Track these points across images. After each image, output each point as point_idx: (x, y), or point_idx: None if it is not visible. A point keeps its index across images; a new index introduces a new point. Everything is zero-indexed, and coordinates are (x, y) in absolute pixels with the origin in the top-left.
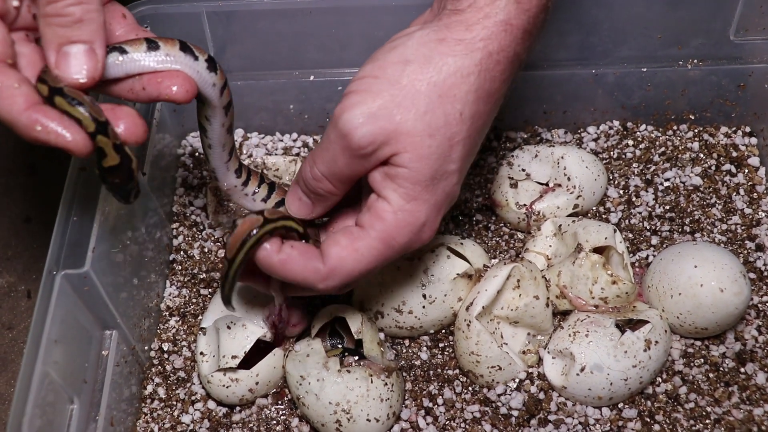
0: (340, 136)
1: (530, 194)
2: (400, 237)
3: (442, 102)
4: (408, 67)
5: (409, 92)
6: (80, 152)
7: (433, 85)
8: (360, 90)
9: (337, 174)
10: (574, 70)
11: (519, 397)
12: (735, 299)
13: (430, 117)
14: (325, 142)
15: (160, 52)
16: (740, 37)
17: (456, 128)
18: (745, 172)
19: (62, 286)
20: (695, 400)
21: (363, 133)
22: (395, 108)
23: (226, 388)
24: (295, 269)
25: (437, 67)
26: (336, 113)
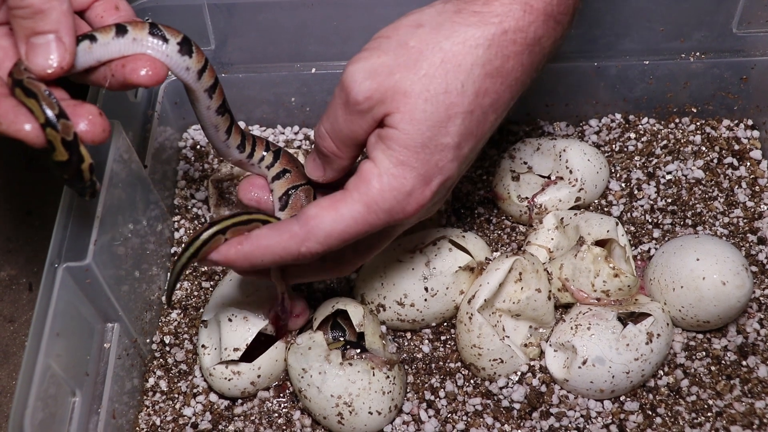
0: (341, 89)
1: (532, 187)
2: (383, 202)
3: (445, 68)
4: (418, 30)
5: (413, 54)
6: (33, 143)
7: (439, 50)
8: (370, 48)
9: (338, 132)
10: (576, 62)
11: (521, 390)
12: (737, 292)
13: (428, 81)
14: (331, 99)
15: (127, 37)
16: (743, 30)
17: (456, 99)
18: (747, 165)
19: (64, 279)
20: (697, 393)
21: (360, 88)
22: (396, 67)
23: (227, 380)
24: (270, 243)
25: (446, 33)
26: (345, 73)
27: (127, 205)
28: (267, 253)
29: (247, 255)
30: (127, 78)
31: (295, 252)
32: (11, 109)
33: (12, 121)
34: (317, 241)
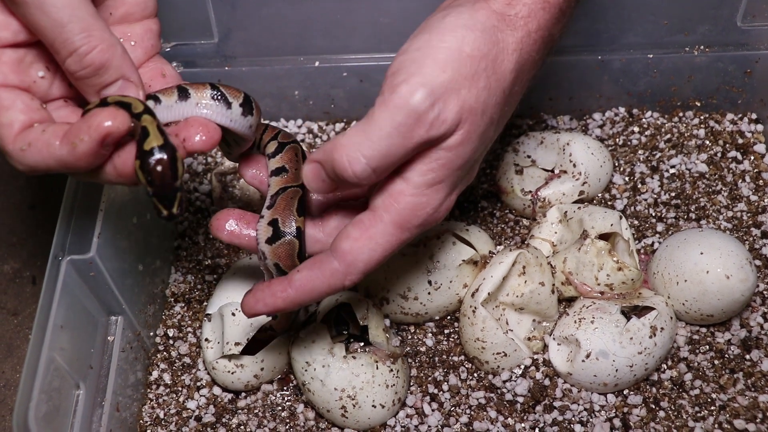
0: (412, 118)
1: (536, 181)
2: (415, 219)
3: (496, 78)
4: (467, 36)
5: (472, 64)
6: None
7: (490, 60)
8: (421, 63)
9: (391, 165)
10: (579, 56)
11: (524, 384)
12: (741, 286)
13: (485, 94)
14: (380, 126)
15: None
16: (747, 24)
17: (497, 108)
18: (751, 159)
19: (68, 272)
20: (700, 386)
21: (438, 113)
22: (462, 81)
23: (231, 374)
24: (315, 285)
25: (492, 40)
26: (402, 92)
27: (131, 199)
28: (314, 294)
29: (295, 301)
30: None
31: (339, 287)
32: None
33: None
34: (358, 273)
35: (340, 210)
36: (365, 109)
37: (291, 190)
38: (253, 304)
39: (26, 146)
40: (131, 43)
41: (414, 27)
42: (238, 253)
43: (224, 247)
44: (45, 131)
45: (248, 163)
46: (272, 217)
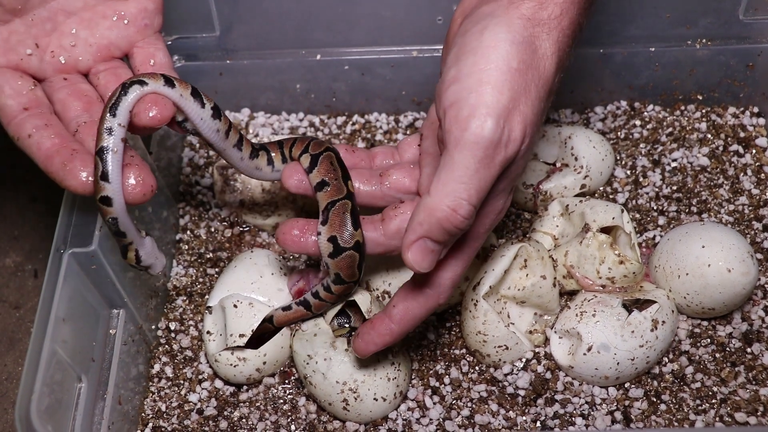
0: (491, 149)
1: (537, 174)
2: (483, 227)
3: (540, 84)
4: (512, 50)
5: (523, 78)
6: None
7: (535, 68)
8: (477, 91)
9: (484, 197)
10: (581, 49)
11: (526, 377)
12: (742, 279)
13: (538, 104)
14: (468, 166)
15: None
16: (750, 17)
17: (545, 110)
18: (753, 152)
19: (70, 265)
20: (701, 379)
21: (508, 134)
22: (519, 96)
23: (233, 367)
24: (416, 313)
25: (533, 49)
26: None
27: None
28: (415, 321)
29: (401, 332)
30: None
31: (435, 307)
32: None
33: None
34: (448, 289)
35: (398, 212)
36: (366, 102)
37: (340, 204)
38: (364, 347)
39: (17, 139)
40: (124, 22)
41: (415, 20)
42: (239, 247)
43: (225, 240)
44: (31, 136)
45: (289, 173)
46: (330, 234)
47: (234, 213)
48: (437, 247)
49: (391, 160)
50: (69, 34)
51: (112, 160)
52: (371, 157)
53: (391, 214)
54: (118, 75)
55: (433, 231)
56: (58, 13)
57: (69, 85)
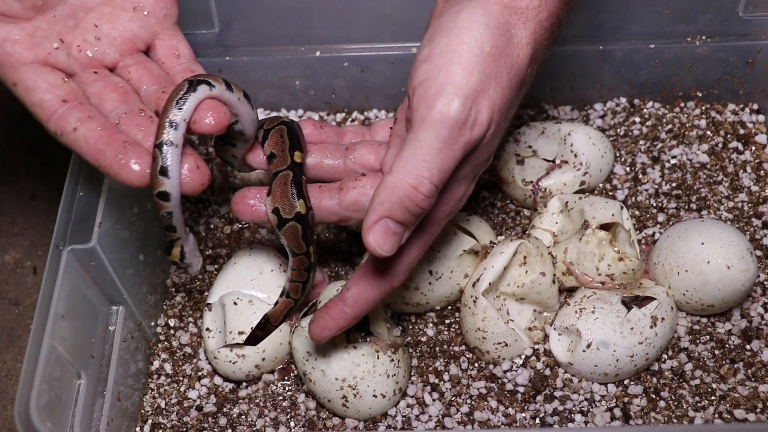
0: (456, 129)
1: (537, 171)
2: (442, 213)
3: (515, 74)
4: (486, 34)
5: (494, 64)
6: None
7: (507, 56)
8: (447, 70)
9: (446, 178)
10: (581, 46)
11: (525, 374)
12: (742, 276)
13: (507, 91)
14: (431, 145)
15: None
16: (749, 14)
17: (515, 100)
18: (752, 149)
19: (69, 261)
20: (701, 376)
21: (474, 117)
22: (489, 80)
23: (232, 363)
24: (369, 296)
25: (508, 36)
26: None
27: (132, 189)
28: (369, 304)
29: (355, 316)
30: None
31: (390, 290)
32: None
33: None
34: (403, 273)
35: (357, 184)
36: (366, 99)
37: (282, 175)
38: (319, 332)
39: (60, 134)
40: (144, 13)
41: (415, 16)
42: (239, 243)
43: (225, 237)
44: (77, 129)
45: (252, 152)
46: (273, 205)
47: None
48: (399, 228)
49: (360, 138)
50: (92, 28)
51: (172, 155)
52: (341, 134)
53: (350, 185)
54: (149, 69)
55: (395, 210)
56: (78, 9)
57: (101, 78)
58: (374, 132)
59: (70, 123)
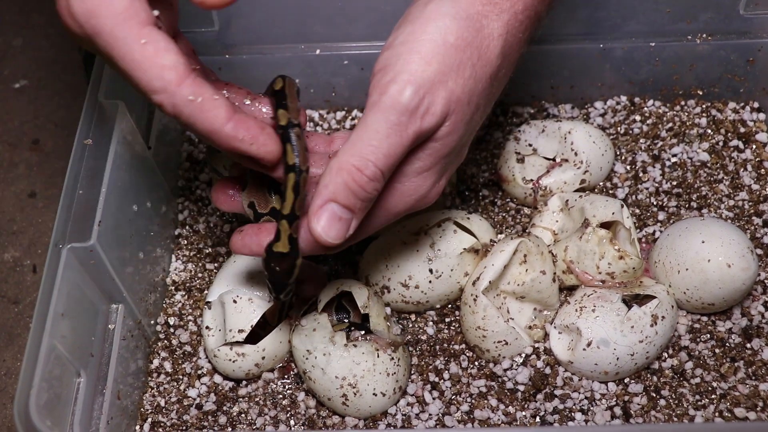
0: (405, 115)
1: (537, 169)
2: (402, 205)
3: (481, 65)
4: (451, 24)
5: (457, 54)
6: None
7: (474, 47)
8: (406, 59)
9: (393, 164)
10: (581, 44)
11: (525, 372)
12: (742, 275)
13: (471, 83)
14: (379, 130)
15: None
16: (750, 12)
17: (483, 93)
18: (753, 148)
19: (68, 260)
20: (701, 375)
21: (427, 106)
22: (449, 72)
23: (232, 362)
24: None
25: (476, 27)
26: (392, 92)
27: (131, 187)
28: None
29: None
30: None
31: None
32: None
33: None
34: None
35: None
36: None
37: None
38: (240, 246)
39: (195, 98)
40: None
41: None
42: None
43: (225, 236)
44: (217, 98)
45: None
46: (249, 199)
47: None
48: (346, 214)
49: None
50: None
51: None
52: (329, 141)
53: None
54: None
55: (339, 192)
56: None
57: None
58: (335, 146)
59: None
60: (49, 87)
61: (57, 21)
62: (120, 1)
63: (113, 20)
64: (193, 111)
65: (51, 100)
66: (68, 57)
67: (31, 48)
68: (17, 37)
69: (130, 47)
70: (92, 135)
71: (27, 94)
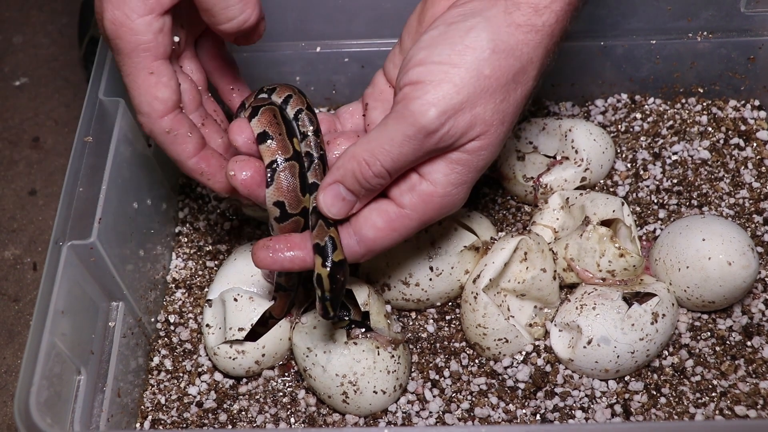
0: (422, 134)
1: (537, 167)
2: (437, 215)
3: (516, 89)
4: (489, 56)
5: (491, 84)
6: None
7: (512, 74)
8: (439, 80)
9: (403, 168)
10: (582, 42)
11: (525, 370)
12: (743, 272)
13: (504, 106)
14: (394, 137)
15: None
16: (751, 9)
17: (516, 112)
18: (754, 145)
19: (68, 257)
20: (701, 373)
21: (447, 129)
22: (477, 99)
23: (232, 360)
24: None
25: (515, 56)
26: (416, 109)
27: (132, 184)
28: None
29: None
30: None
31: (354, 262)
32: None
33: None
34: (374, 254)
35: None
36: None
37: (288, 166)
38: (270, 262)
39: (170, 131)
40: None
41: None
42: (239, 239)
43: (225, 233)
44: (190, 136)
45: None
46: (277, 198)
47: (233, 206)
48: (349, 196)
49: (333, 129)
50: None
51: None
52: (335, 119)
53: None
54: None
55: (347, 177)
56: None
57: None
58: (344, 120)
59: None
60: (49, 85)
61: (57, 19)
62: (145, 34)
63: (133, 47)
64: (165, 141)
65: (51, 97)
66: (68, 55)
67: (32, 46)
68: (17, 35)
69: (137, 72)
70: (92, 132)
71: (27, 92)
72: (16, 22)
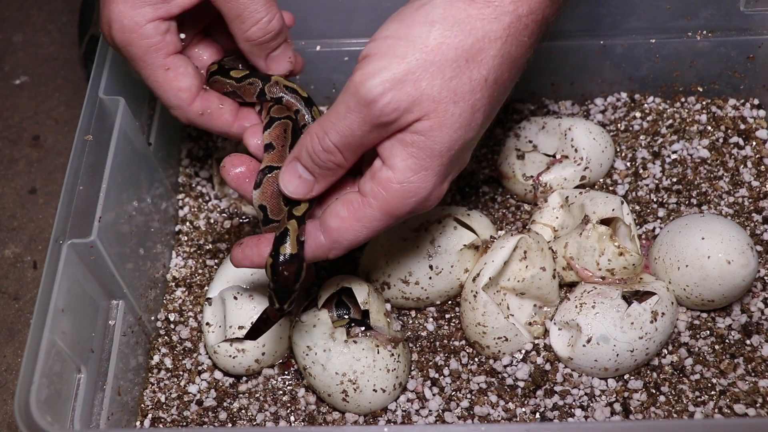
0: (362, 104)
1: (537, 166)
2: (404, 207)
3: (469, 67)
4: (434, 29)
5: (436, 57)
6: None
7: (462, 50)
8: (383, 53)
9: (352, 144)
10: (581, 41)
11: (525, 368)
12: (742, 271)
13: (456, 83)
14: (339, 110)
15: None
16: (750, 8)
17: (479, 94)
18: (753, 144)
19: (69, 256)
20: (701, 371)
21: (388, 101)
22: (422, 73)
23: (232, 358)
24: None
25: (465, 30)
26: (356, 79)
27: (132, 183)
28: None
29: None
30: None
31: (323, 257)
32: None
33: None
34: (342, 249)
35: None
36: None
37: (277, 174)
38: (240, 258)
39: (203, 112)
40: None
41: None
42: (239, 238)
43: (225, 232)
44: (222, 107)
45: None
46: (261, 201)
47: (233, 204)
48: (305, 173)
49: None
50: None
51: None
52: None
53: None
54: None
55: (302, 155)
56: None
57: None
58: None
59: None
60: (49, 83)
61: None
62: (153, 36)
63: (145, 50)
64: (204, 122)
65: (51, 96)
66: (68, 53)
67: (32, 44)
68: (17, 34)
69: (155, 72)
70: (92, 131)
71: (27, 91)
72: (16, 21)
